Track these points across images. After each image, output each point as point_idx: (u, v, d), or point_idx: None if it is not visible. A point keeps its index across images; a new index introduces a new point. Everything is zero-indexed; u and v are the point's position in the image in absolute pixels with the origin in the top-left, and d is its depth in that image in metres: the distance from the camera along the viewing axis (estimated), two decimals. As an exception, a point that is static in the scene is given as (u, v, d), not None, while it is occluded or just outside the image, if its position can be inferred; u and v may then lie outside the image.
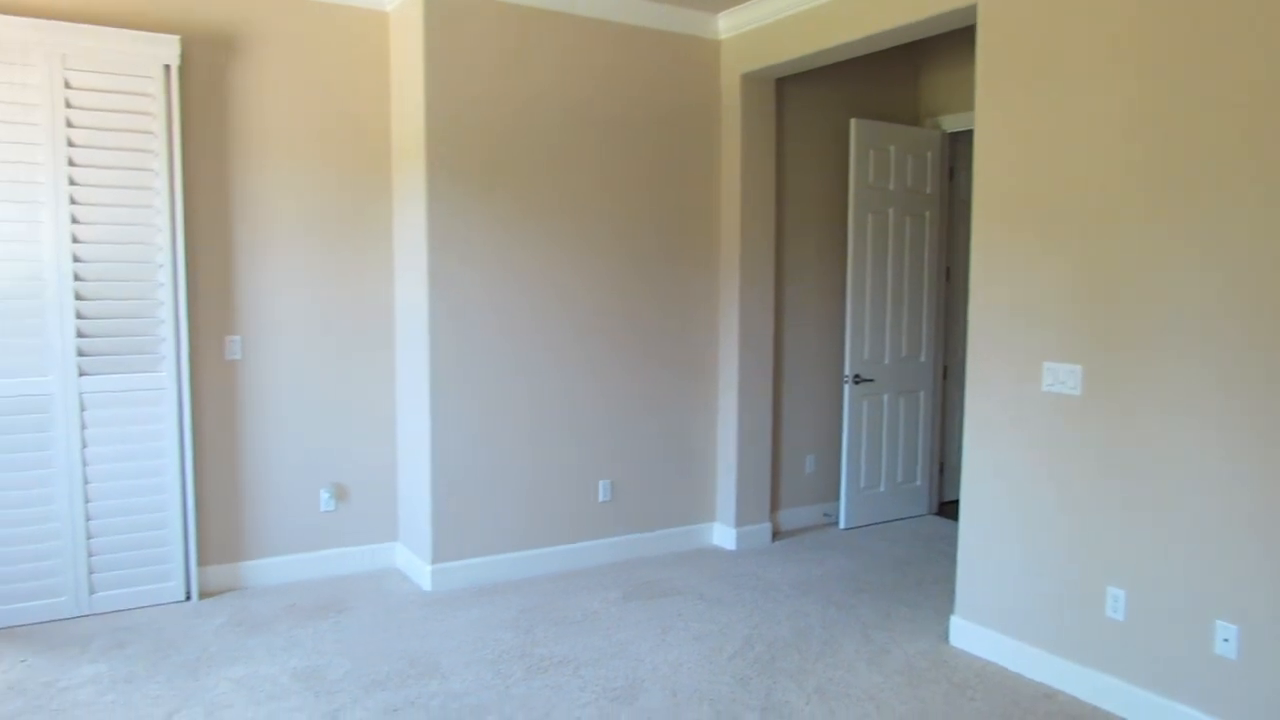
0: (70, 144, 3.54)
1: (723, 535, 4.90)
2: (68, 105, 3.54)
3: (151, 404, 3.77)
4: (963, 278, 5.63)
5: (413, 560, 4.29)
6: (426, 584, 4.14)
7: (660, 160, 4.58)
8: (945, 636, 3.64)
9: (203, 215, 3.90)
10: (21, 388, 3.54)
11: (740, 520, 4.83)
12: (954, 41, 5.10)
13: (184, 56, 3.76)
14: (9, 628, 3.59)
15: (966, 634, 3.52)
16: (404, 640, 3.58)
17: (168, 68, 3.70)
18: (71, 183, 3.56)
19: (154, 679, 3.21)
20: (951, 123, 5.34)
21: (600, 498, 4.55)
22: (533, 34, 4.17)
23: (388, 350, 4.38)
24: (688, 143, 4.66)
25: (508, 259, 4.20)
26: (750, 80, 4.65)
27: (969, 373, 3.50)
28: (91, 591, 3.72)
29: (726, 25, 4.61)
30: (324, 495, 4.28)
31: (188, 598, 3.92)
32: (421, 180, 3.99)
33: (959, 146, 5.50)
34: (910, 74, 5.46)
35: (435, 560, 4.13)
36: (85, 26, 3.55)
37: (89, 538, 3.69)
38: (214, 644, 3.51)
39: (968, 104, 5.13)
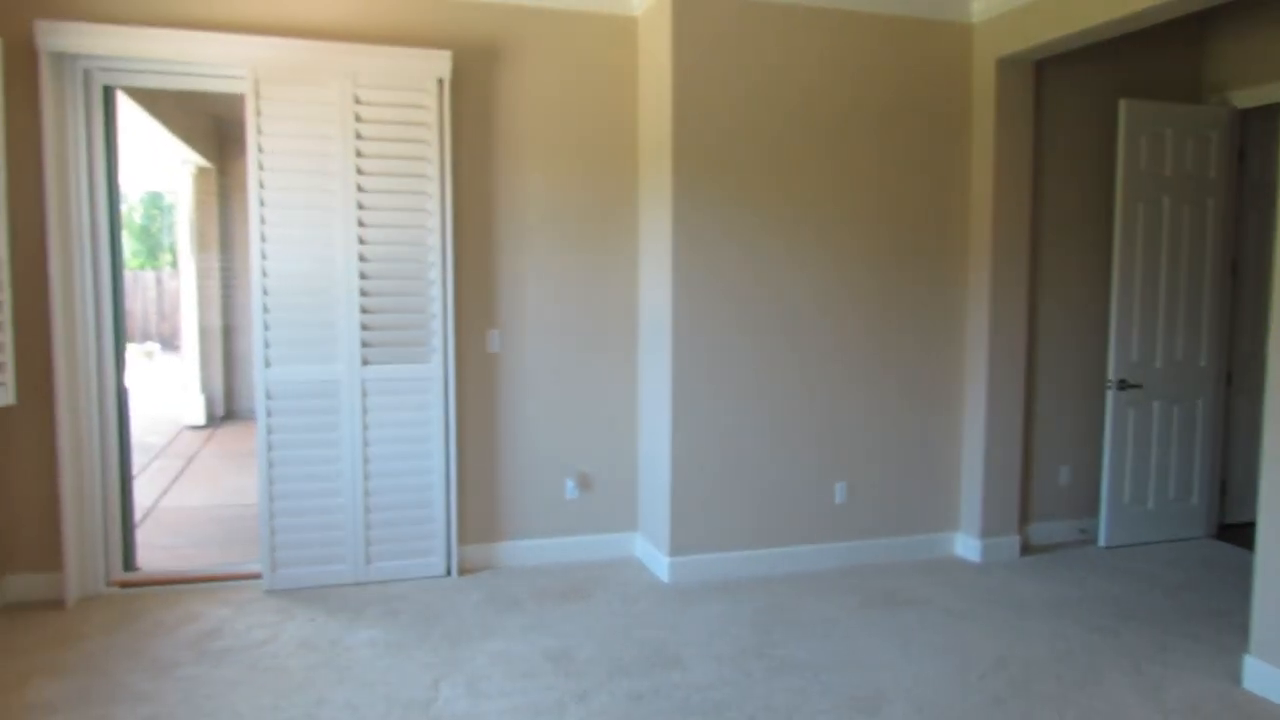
0: (358, 154, 3.91)
1: (966, 546, 4.65)
2: (357, 119, 3.91)
3: (422, 392, 4.10)
4: (1255, 272, 5.01)
5: (651, 551, 4.40)
6: (664, 575, 4.22)
7: (902, 155, 4.40)
8: (1236, 678, 3.25)
9: (467, 217, 4.19)
10: (317, 374, 3.96)
11: (986, 531, 4.56)
12: (1249, 2, 4.54)
13: (454, 69, 4.05)
14: (301, 589, 4.03)
15: (1265, 678, 3.12)
16: (645, 629, 3.67)
17: (441, 81, 4.00)
18: (359, 190, 3.93)
19: (421, 646, 3.48)
20: (1245, 98, 4.76)
21: (836, 500, 4.45)
22: (771, 27, 4.13)
23: (630, 347, 4.50)
24: (933, 136, 4.45)
25: (747, 257, 4.19)
26: (1006, 64, 4.36)
27: (1272, 381, 3.10)
28: (368, 561, 4.10)
29: (981, 6, 4.35)
30: (569, 484, 4.47)
31: (448, 573, 4.22)
32: (667, 182, 4.07)
33: (1252, 124, 4.89)
34: (1191, 44, 4.91)
35: (673, 553, 4.21)
36: (372, 46, 3.91)
37: (367, 512, 4.07)
38: (471, 618, 3.76)
39: (1267, 75, 4.54)
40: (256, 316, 3.88)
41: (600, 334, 4.45)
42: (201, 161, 7.93)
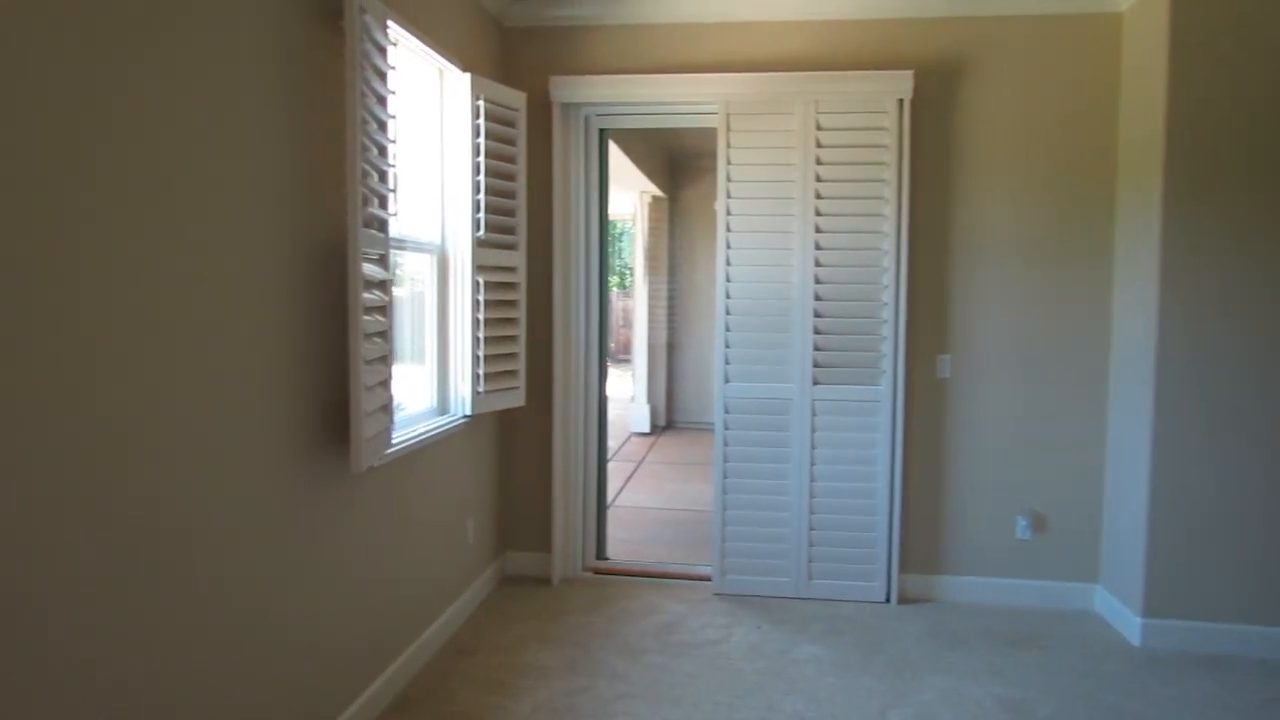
0: (817, 179, 4.01)
1: None
2: (817, 145, 4.01)
3: (869, 414, 4.07)
4: None
5: (1117, 608, 3.91)
6: (1134, 637, 3.72)
7: None
8: None
9: (922, 238, 4.09)
10: (771, 391, 4.12)
11: None
12: None
13: (913, 87, 3.97)
14: (746, 595, 4.20)
15: None
16: (1112, 695, 3.26)
17: (901, 101, 3.95)
18: (817, 214, 4.02)
19: (866, 671, 3.43)
20: None
21: (1379, 576, 3.59)
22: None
23: (1097, 376, 4.06)
24: None
25: (1271, 276, 3.56)
26: None
27: None
28: (810, 578, 4.16)
29: None
30: (1020, 522, 4.14)
31: (887, 600, 4.13)
32: (1156, 193, 3.60)
33: None
34: None
35: (1146, 614, 3.70)
36: (834, 73, 3.99)
37: (811, 529, 4.13)
38: (915, 650, 3.63)
39: None
40: (719, 334, 4.14)
41: (1062, 361, 4.07)
42: (655, 191, 8.73)
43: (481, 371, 3.74)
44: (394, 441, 2.99)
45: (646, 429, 8.90)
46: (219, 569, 2.16)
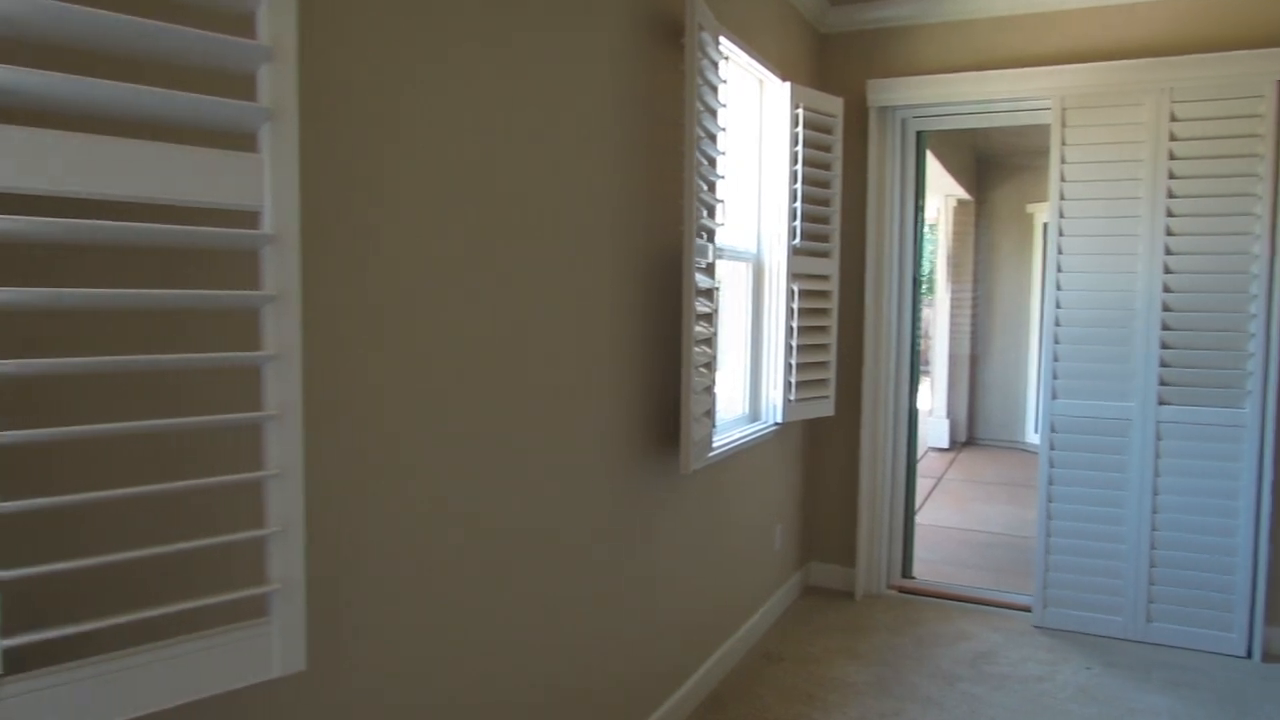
0: (1170, 175, 3.59)
1: None
2: (1171, 138, 3.59)
3: (1229, 440, 3.58)
4: None
5: None
6: None
7: None
8: None
9: (1304, 239, 3.53)
10: (1106, 410, 3.75)
11: None
12: None
13: (1299, 68, 3.45)
14: (1071, 631, 3.85)
15: None
16: None
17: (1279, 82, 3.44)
18: (1168, 214, 3.60)
19: (1226, 734, 3.02)
20: None
21: None
22: None
23: None
24: None
25: None
26: None
27: None
28: (1148, 620, 3.73)
29: None
30: None
31: (1248, 655, 3.61)
32: None
33: None
34: None
35: None
36: (1193, 57, 3.55)
37: (1151, 565, 3.71)
38: (1288, 717, 3.14)
39: None
40: (1046, 346, 3.84)
41: None
42: (961, 194, 8.30)
43: (793, 379, 3.74)
44: (714, 446, 3.07)
45: (945, 444, 8.47)
46: (562, 566, 2.33)
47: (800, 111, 3.69)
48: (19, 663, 1.00)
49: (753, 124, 3.73)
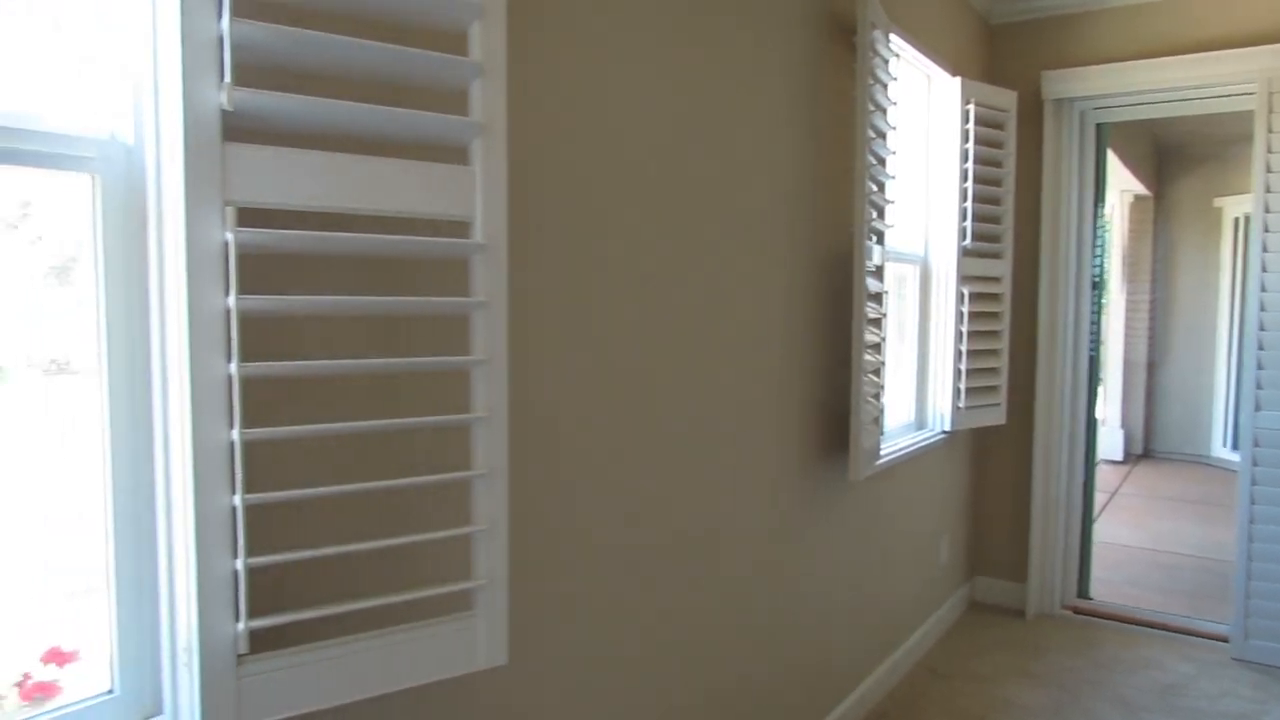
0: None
1: None
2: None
3: None
4: None
5: None
6: None
7: None
8: None
9: None
10: (1321, 424, 3.42)
11: None
12: None
13: None
14: (1278, 666, 3.52)
15: None
16: None
17: None
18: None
19: None
20: None
21: None
22: None
23: None
24: None
25: None
26: None
27: None
28: (1371, 656, 3.37)
29: None
30: None
31: None
32: None
33: None
34: None
35: None
36: None
37: (1375, 597, 3.34)
38: None
39: None
40: (1248, 353, 3.53)
41: None
42: (1138, 189, 7.77)
43: (962, 386, 3.59)
44: (881, 454, 2.99)
45: (1119, 456, 7.94)
46: (736, 568, 2.31)
47: (971, 107, 3.54)
48: (257, 644, 1.07)
49: (920, 121, 3.61)
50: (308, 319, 1.18)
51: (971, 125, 3.55)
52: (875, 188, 2.73)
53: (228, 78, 0.98)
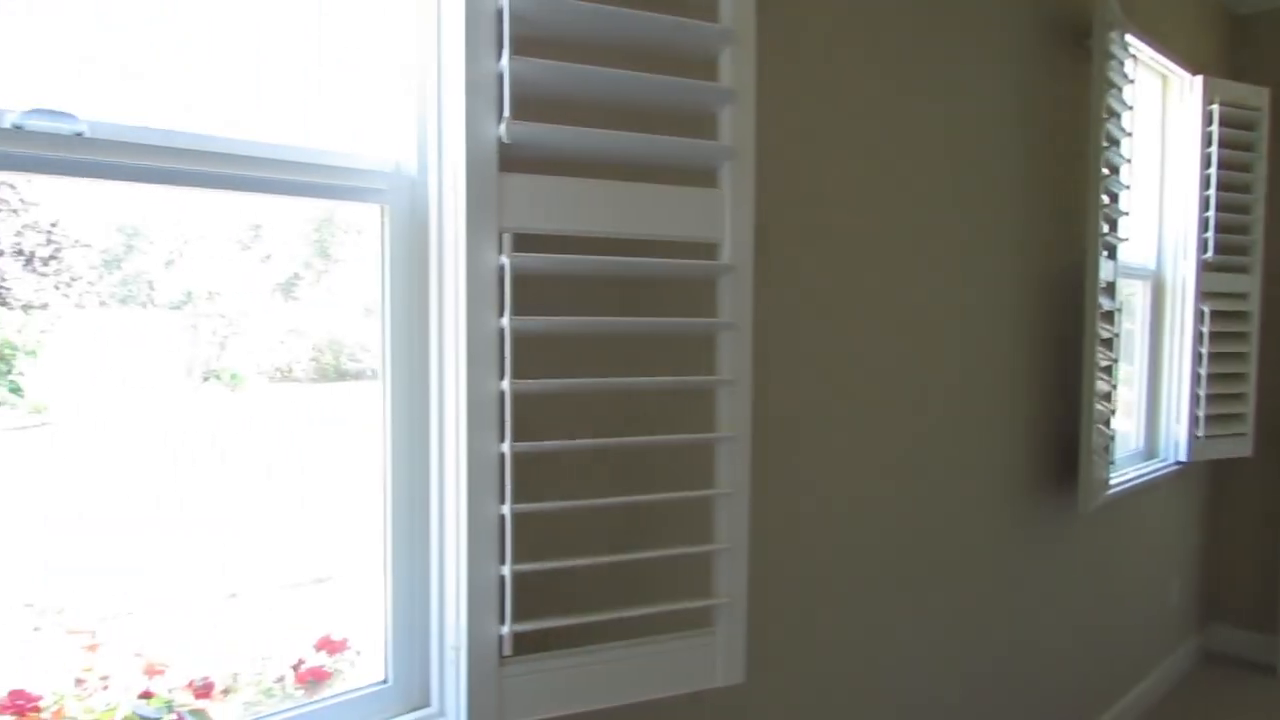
0: None
1: None
2: None
3: None
4: None
5: None
6: None
7: None
8: None
9: None
10: None
11: None
12: None
13: None
14: None
15: None
16: None
17: None
18: None
19: None
20: None
21: None
22: None
23: None
24: None
25: None
26: None
27: None
28: None
29: None
30: None
31: None
32: None
33: None
34: None
35: None
36: None
37: None
38: None
39: None
40: None
41: None
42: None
43: (1201, 413, 3.28)
44: (1109, 484, 2.78)
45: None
46: (959, 596, 2.22)
47: (1215, 108, 3.25)
48: (519, 646, 1.13)
49: (1154, 124, 3.35)
50: (562, 339, 1.24)
51: (1215, 126, 3.25)
52: (1108, 199, 2.56)
53: (507, 112, 1.05)
